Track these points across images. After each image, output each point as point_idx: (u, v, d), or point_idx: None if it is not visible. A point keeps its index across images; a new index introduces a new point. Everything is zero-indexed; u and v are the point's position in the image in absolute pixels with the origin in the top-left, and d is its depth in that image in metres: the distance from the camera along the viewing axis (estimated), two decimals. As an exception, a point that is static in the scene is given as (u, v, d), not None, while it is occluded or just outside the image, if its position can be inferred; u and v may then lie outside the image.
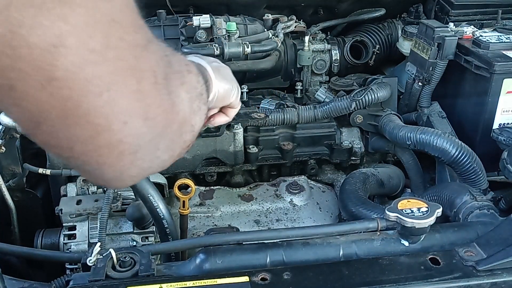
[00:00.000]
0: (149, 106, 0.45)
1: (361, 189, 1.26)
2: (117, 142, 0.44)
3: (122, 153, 0.45)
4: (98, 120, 0.41)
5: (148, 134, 0.46)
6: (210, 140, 1.32)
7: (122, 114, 0.43)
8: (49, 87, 0.38)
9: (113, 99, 0.41)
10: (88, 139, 0.42)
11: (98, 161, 0.45)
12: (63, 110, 0.40)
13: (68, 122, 0.41)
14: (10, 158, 1.26)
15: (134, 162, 0.47)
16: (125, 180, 0.50)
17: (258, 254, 0.85)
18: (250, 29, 1.50)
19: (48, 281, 0.86)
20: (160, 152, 0.50)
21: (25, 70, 0.37)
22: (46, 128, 0.41)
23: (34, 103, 0.39)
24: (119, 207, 1.09)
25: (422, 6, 1.69)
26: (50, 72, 0.37)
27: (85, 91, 0.39)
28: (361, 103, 1.38)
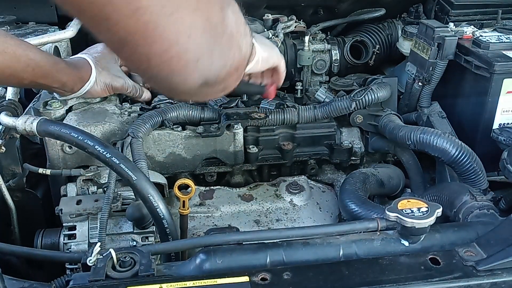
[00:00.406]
0: (206, 20, 0.55)
1: (361, 189, 1.26)
2: (184, 52, 0.54)
3: (188, 61, 0.55)
4: (170, 36, 0.52)
5: (205, 44, 0.56)
6: (210, 140, 1.32)
7: (187, 29, 0.53)
8: (136, 14, 0.48)
9: (181, 18, 0.52)
10: (163, 52, 0.53)
11: (169, 69, 0.55)
12: (145, 31, 0.50)
13: (148, 40, 0.51)
14: (10, 158, 1.26)
15: (196, 68, 0.57)
16: (190, 83, 0.59)
17: (258, 254, 0.85)
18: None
19: (48, 281, 0.86)
20: (214, 59, 0.59)
21: (118, 3, 0.47)
22: (131, 46, 0.52)
23: (124, 27, 0.49)
24: (119, 207, 1.09)
25: (422, 6, 1.69)
26: (137, 2, 0.48)
27: (161, 14, 0.50)
28: (361, 103, 1.38)
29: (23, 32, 1.56)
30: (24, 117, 1.11)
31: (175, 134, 1.31)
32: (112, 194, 1.06)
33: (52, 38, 1.33)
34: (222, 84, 0.65)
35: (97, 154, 1.02)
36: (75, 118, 1.26)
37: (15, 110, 1.22)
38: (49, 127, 1.08)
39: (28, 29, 1.61)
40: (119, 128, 1.26)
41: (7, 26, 1.61)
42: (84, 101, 1.32)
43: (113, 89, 1.29)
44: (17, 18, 1.68)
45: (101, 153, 1.02)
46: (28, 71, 1.07)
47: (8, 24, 1.62)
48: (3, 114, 1.17)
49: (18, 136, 1.25)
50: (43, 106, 1.26)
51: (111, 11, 0.48)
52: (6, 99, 1.24)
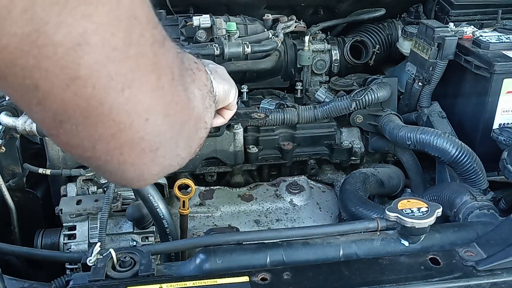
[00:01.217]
0: (169, 103, 0.46)
1: (361, 189, 1.26)
2: (139, 139, 0.44)
3: (144, 151, 0.45)
4: (121, 118, 0.42)
5: (168, 131, 0.47)
6: (210, 140, 1.32)
7: (143, 111, 0.43)
8: (73, 85, 0.38)
9: (135, 96, 0.42)
10: (111, 137, 0.43)
11: (120, 159, 0.45)
12: (87, 108, 0.40)
13: (91, 120, 0.41)
14: (10, 158, 1.26)
15: (155, 160, 0.47)
16: (147, 178, 0.50)
17: (258, 254, 0.85)
18: (250, 29, 1.50)
19: (48, 281, 0.86)
20: (180, 150, 0.51)
21: (50, 69, 0.37)
22: (69, 127, 0.41)
23: (58, 102, 0.39)
24: (119, 207, 1.09)
25: (422, 6, 1.69)
26: (74, 71, 0.38)
27: (108, 89, 0.40)
28: (361, 103, 1.38)
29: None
30: (24, 117, 1.11)
31: (175, 134, 1.31)
32: (112, 194, 1.06)
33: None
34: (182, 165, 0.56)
35: (97, 154, 1.02)
36: (75, 118, 1.26)
37: (15, 110, 1.22)
38: (49, 127, 1.08)
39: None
40: (119, 128, 1.26)
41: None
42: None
43: None
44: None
45: (101, 153, 1.01)
46: None
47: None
48: (3, 114, 1.17)
49: (18, 136, 1.25)
50: (43, 106, 1.26)
51: (39, 78, 0.37)
52: (6, 99, 1.23)
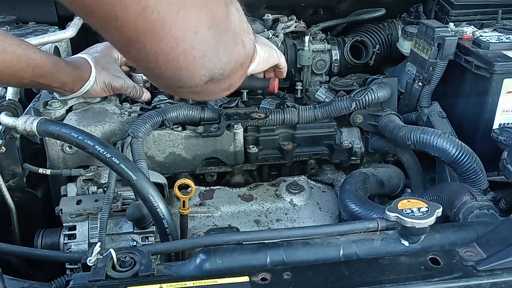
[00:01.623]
0: (212, 17, 0.56)
1: (361, 189, 1.26)
2: (190, 49, 0.55)
3: (194, 58, 0.56)
4: (178, 33, 0.53)
5: (212, 40, 0.57)
6: (210, 140, 1.32)
7: (193, 25, 0.54)
8: (144, 13, 0.49)
9: (187, 15, 0.52)
10: (170, 49, 0.54)
11: (177, 66, 0.56)
12: (153, 29, 0.51)
13: (156, 38, 0.52)
14: (10, 158, 1.26)
15: (203, 64, 0.58)
16: (197, 79, 0.60)
17: (258, 254, 0.85)
18: (250, 29, 1.50)
19: (48, 281, 0.86)
20: (220, 55, 0.60)
21: (127, 3, 0.48)
22: (139, 45, 0.53)
23: (132, 27, 0.50)
24: (119, 207, 1.09)
25: (422, 6, 1.69)
26: (145, 1, 0.49)
27: (168, 12, 0.50)
28: (361, 103, 1.38)
29: (23, 32, 1.56)
30: (24, 117, 1.11)
31: (175, 134, 1.31)
32: (112, 194, 1.06)
33: (52, 38, 1.32)
34: (228, 81, 0.66)
35: (97, 154, 1.02)
36: (75, 118, 1.26)
37: (15, 110, 1.22)
38: (49, 127, 1.08)
39: (28, 29, 1.61)
40: (119, 128, 1.26)
41: (7, 26, 1.61)
42: (84, 101, 1.32)
43: (113, 89, 1.29)
44: (17, 18, 1.68)
45: (101, 153, 1.02)
46: (28, 70, 1.07)
47: (8, 24, 1.62)
48: (3, 114, 1.17)
49: (18, 136, 1.25)
50: (43, 106, 1.26)
51: (119, 10, 0.49)
52: (6, 99, 1.24)
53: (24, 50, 1.06)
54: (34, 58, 1.07)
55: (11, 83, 1.20)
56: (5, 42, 1.03)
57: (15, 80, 1.11)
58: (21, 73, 1.06)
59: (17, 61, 1.04)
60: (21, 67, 1.06)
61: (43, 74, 1.10)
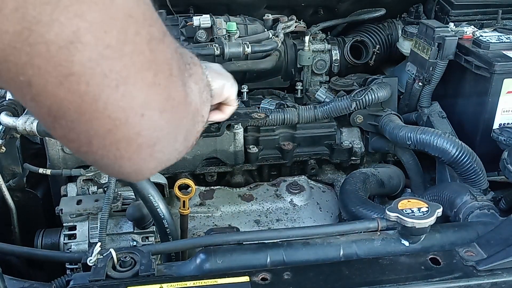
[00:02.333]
0: (166, 99, 0.46)
1: (361, 189, 1.26)
2: (135, 135, 0.44)
3: (140, 146, 0.45)
4: (116, 114, 0.42)
5: (166, 126, 0.47)
6: (210, 140, 1.32)
7: (139, 107, 0.43)
8: (67, 82, 0.39)
9: (130, 92, 0.42)
10: (106, 133, 0.43)
11: (116, 155, 0.45)
12: (81, 105, 0.40)
13: (86, 117, 0.41)
14: (10, 158, 1.26)
15: (152, 155, 0.47)
16: (144, 173, 0.50)
17: (258, 254, 0.85)
18: (250, 29, 1.50)
19: (48, 281, 0.86)
20: (178, 144, 0.51)
21: (42, 66, 0.37)
22: (65, 123, 0.42)
23: (52, 98, 0.39)
24: (119, 207, 1.09)
25: (422, 6, 1.69)
26: (67, 68, 0.38)
27: (102, 86, 0.40)
28: (361, 103, 1.38)
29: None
30: (25, 117, 1.11)
31: (175, 134, 1.31)
32: (112, 194, 1.06)
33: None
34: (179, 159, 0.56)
35: (97, 154, 1.02)
36: (75, 118, 1.26)
37: (15, 110, 1.22)
38: (49, 127, 1.08)
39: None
40: (119, 128, 1.26)
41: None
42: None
43: None
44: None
45: (101, 153, 1.01)
46: None
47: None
48: (4, 114, 1.17)
49: (18, 136, 1.25)
50: (43, 106, 1.26)
51: (32, 75, 0.38)
52: (6, 99, 1.23)
53: None
54: None
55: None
56: None
57: None
58: None
59: None
60: None
61: None
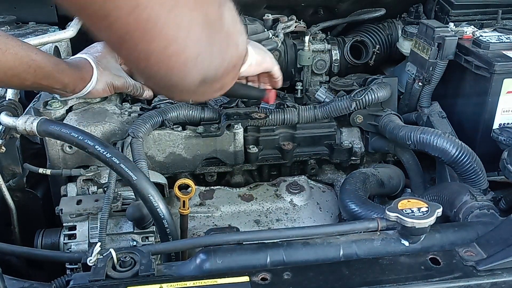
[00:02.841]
0: (205, 17, 0.55)
1: (361, 189, 1.26)
2: (183, 49, 0.54)
3: (187, 58, 0.55)
4: (170, 32, 0.52)
5: (204, 41, 0.56)
6: (210, 140, 1.32)
7: (186, 25, 0.52)
8: (136, 11, 0.48)
9: (180, 14, 0.51)
10: (162, 49, 0.53)
11: (169, 66, 0.55)
12: (145, 28, 0.50)
13: (148, 37, 0.51)
14: (10, 158, 1.26)
15: (196, 65, 0.57)
16: (189, 81, 0.59)
17: (258, 254, 0.85)
18: (250, 29, 1.50)
19: (48, 281, 0.86)
20: (214, 57, 0.59)
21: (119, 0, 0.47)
22: (130, 44, 0.52)
23: (124, 25, 0.49)
24: (119, 207, 1.09)
25: (422, 6, 1.69)
26: (135, 0, 0.48)
27: (160, 11, 0.50)
28: (361, 103, 1.38)
29: (23, 32, 1.56)
30: (24, 117, 1.11)
31: (175, 134, 1.31)
32: (112, 194, 1.06)
33: (52, 38, 1.32)
34: (220, 82, 0.66)
35: (97, 154, 1.02)
36: (75, 118, 1.26)
37: (15, 110, 1.22)
38: (49, 127, 1.08)
39: (28, 29, 1.61)
40: (119, 128, 1.26)
41: (7, 26, 1.61)
42: (84, 101, 1.31)
43: (115, 89, 1.28)
44: (17, 18, 1.68)
45: (101, 153, 1.02)
46: (30, 72, 1.07)
47: (8, 24, 1.62)
48: (3, 114, 1.17)
49: (18, 136, 1.25)
50: (43, 106, 1.26)
51: (111, 8, 0.48)
52: (6, 99, 1.24)
53: (25, 51, 1.06)
54: (35, 59, 1.07)
55: (14, 85, 1.19)
56: (6, 43, 1.03)
57: (17, 82, 1.10)
58: (23, 74, 1.06)
59: (19, 63, 1.04)
60: (23, 68, 1.05)
61: (45, 76, 1.10)
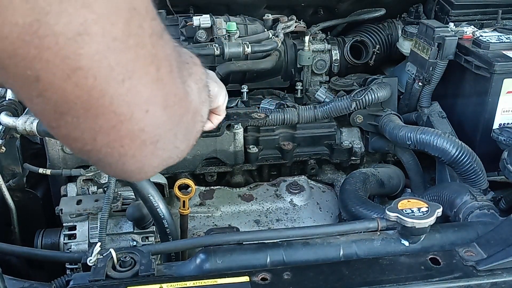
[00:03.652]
0: (168, 95, 0.46)
1: (361, 189, 1.26)
2: (139, 131, 0.44)
3: (144, 143, 0.45)
4: (121, 109, 0.42)
5: (168, 123, 0.47)
6: (210, 140, 1.32)
7: (143, 102, 0.43)
8: (74, 76, 0.38)
9: (135, 87, 0.42)
10: (111, 128, 0.43)
11: (121, 151, 0.45)
12: (88, 99, 0.40)
13: (92, 112, 0.41)
14: (10, 158, 1.26)
15: (155, 152, 0.47)
16: (147, 171, 0.50)
17: (258, 254, 0.85)
18: (250, 29, 1.50)
19: (48, 281, 0.86)
20: (178, 142, 0.51)
21: (51, 60, 0.37)
22: (70, 119, 0.41)
23: (59, 93, 0.39)
24: (119, 207, 1.09)
25: (422, 6, 1.69)
26: (76, 61, 0.38)
27: (109, 79, 0.40)
28: (361, 103, 1.38)
29: (23, 32, 1.56)
30: (24, 117, 1.11)
31: (175, 134, 1.31)
32: (112, 194, 1.06)
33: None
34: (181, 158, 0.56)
35: (97, 154, 1.02)
36: (75, 118, 1.26)
37: (15, 110, 1.22)
38: (49, 127, 1.08)
39: (28, 29, 1.61)
40: (119, 128, 1.26)
41: (7, 26, 1.61)
42: (84, 101, 1.31)
43: None
44: (17, 18, 1.68)
45: (101, 153, 1.01)
46: None
47: (8, 24, 1.62)
48: (3, 114, 1.17)
49: (18, 136, 1.25)
50: (43, 106, 1.26)
51: (40, 69, 0.37)
52: (6, 99, 1.24)
53: None
54: None
55: None
56: None
57: None
58: None
59: None
60: None
61: None
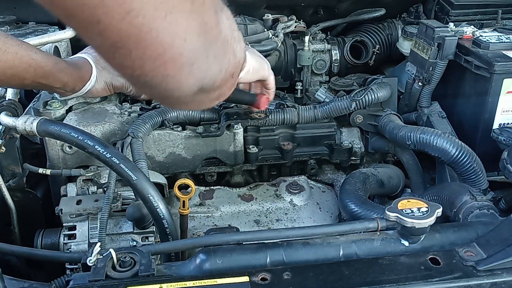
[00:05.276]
0: (201, 24, 0.54)
1: (361, 189, 1.26)
2: (179, 55, 0.53)
3: (182, 65, 0.54)
4: (165, 39, 0.50)
5: (201, 48, 0.55)
6: (210, 140, 1.32)
7: (182, 32, 0.52)
8: (128, 17, 0.47)
9: (175, 20, 0.50)
10: (157, 56, 0.52)
11: (164, 74, 0.54)
12: (138, 34, 0.49)
13: (142, 44, 0.50)
14: (10, 158, 1.26)
15: (191, 72, 0.56)
16: (185, 89, 0.58)
17: (258, 254, 0.85)
18: (250, 29, 1.50)
19: (48, 281, 0.86)
20: (210, 64, 0.58)
21: (110, 6, 0.46)
22: (124, 51, 0.50)
23: (116, 32, 0.48)
24: (119, 207, 1.09)
25: (422, 6, 1.69)
26: (129, 5, 0.46)
27: (155, 16, 0.48)
28: (361, 103, 1.38)
29: (23, 32, 1.56)
30: (24, 117, 1.11)
31: (175, 134, 1.31)
32: (112, 194, 1.06)
33: (52, 38, 1.33)
34: (217, 91, 0.64)
35: (97, 154, 1.02)
36: (75, 118, 1.26)
37: (15, 110, 1.22)
38: (49, 127, 1.08)
39: (28, 29, 1.61)
40: (119, 128, 1.26)
41: (7, 26, 1.61)
42: (84, 101, 1.32)
43: (114, 88, 1.29)
44: (17, 18, 1.68)
45: (101, 153, 1.02)
46: (30, 71, 1.07)
47: (8, 24, 1.62)
48: (3, 114, 1.17)
49: (18, 136, 1.25)
50: (43, 106, 1.26)
51: (101, 14, 0.46)
52: (6, 99, 1.24)
53: (25, 50, 1.06)
54: (35, 58, 1.08)
55: (13, 84, 1.20)
56: (6, 42, 1.03)
57: (17, 81, 1.11)
58: (23, 74, 1.07)
59: (19, 62, 1.05)
60: (23, 67, 1.06)
61: (44, 75, 1.11)
